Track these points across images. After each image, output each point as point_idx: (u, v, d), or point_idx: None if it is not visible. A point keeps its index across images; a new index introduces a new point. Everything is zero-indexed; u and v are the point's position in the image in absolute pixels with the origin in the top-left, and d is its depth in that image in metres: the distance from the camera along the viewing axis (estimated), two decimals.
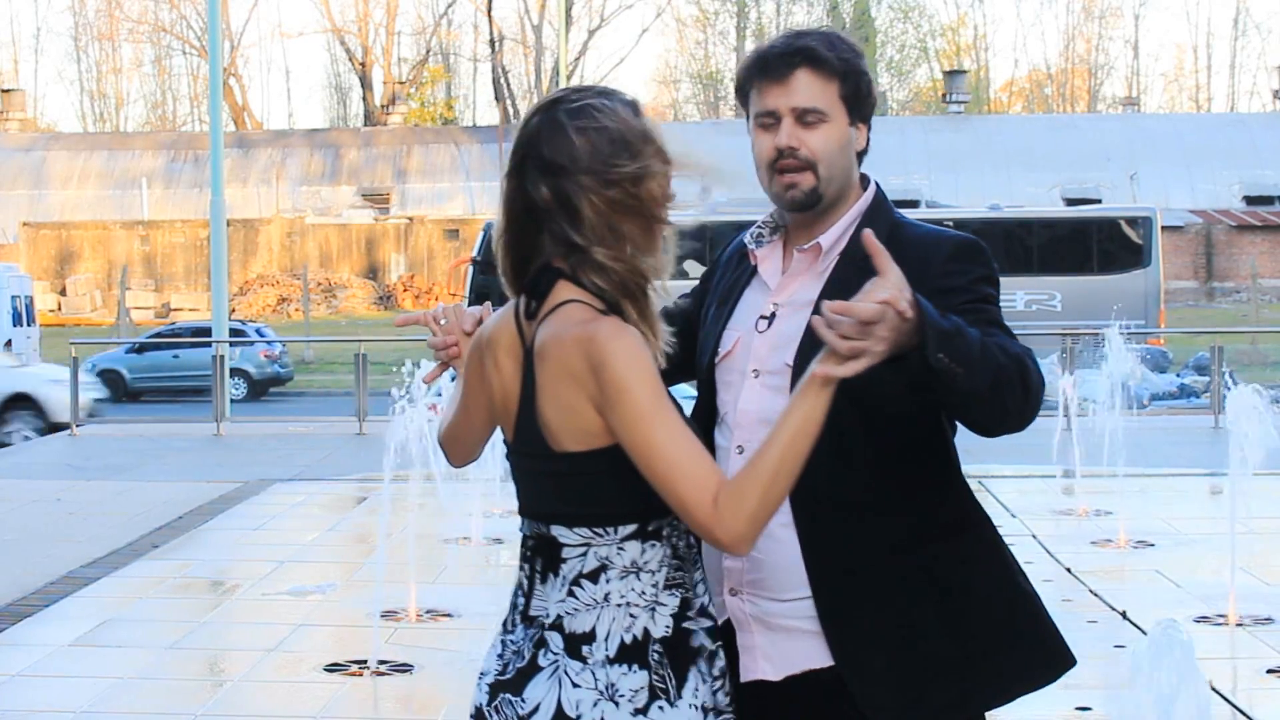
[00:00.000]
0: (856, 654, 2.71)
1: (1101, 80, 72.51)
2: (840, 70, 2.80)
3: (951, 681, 2.73)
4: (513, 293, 2.61)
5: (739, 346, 2.84)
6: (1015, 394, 2.62)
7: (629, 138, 2.51)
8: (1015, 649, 2.80)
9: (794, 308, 2.81)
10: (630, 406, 2.41)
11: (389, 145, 53.01)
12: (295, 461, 14.75)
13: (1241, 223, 45.93)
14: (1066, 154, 48.60)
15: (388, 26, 66.02)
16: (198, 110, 69.70)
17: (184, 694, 6.70)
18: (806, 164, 2.79)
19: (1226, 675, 6.65)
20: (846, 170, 2.83)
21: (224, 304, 20.25)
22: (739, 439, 2.78)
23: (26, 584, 8.73)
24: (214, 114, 21.45)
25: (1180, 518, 10.61)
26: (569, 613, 2.51)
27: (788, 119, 2.79)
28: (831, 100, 2.80)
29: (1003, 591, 2.82)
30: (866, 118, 2.86)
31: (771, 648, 2.76)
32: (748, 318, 2.85)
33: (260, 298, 45.65)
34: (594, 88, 2.58)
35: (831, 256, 2.82)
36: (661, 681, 2.49)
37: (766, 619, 2.76)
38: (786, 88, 2.79)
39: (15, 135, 55.09)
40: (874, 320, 2.35)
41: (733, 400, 2.82)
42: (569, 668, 2.49)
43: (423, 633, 7.58)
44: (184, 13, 64.90)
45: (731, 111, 66.89)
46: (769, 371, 2.78)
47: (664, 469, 2.40)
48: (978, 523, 2.85)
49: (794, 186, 2.80)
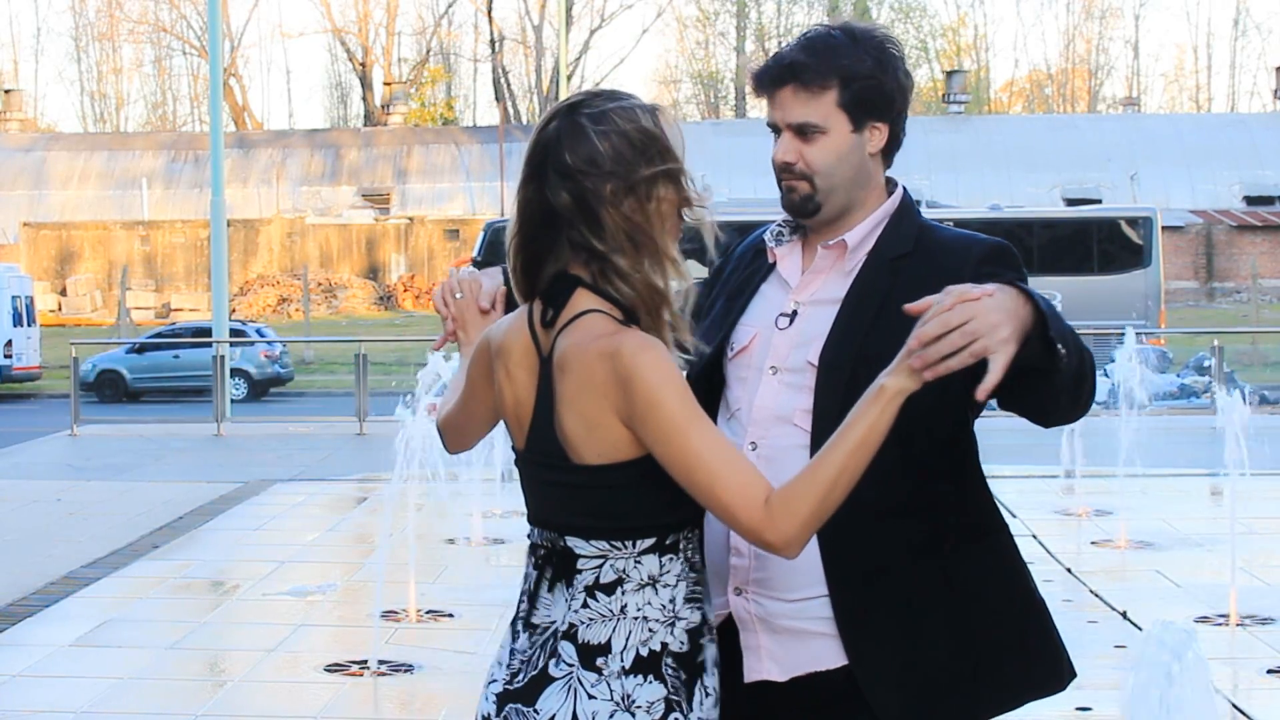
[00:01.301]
0: (870, 656, 2.69)
1: (1102, 80, 72.54)
2: (834, 79, 2.76)
3: (961, 689, 2.72)
4: (522, 297, 2.57)
5: (756, 343, 2.81)
6: (1091, 377, 2.62)
7: (649, 143, 2.48)
8: (1025, 658, 2.79)
9: (817, 305, 2.79)
10: (665, 420, 2.39)
11: (389, 145, 53.00)
12: (295, 462, 14.76)
13: (1242, 223, 45.93)
14: (1067, 154, 48.59)
15: (388, 26, 66.07)
16: (198, 110, 69.72)
17: (184, 694, 6.71)
18: (803, 176, 2.79)
19: (1226, 675, 6.64)
20: (851, 178, 2.80)
21: (224, 304, 20.26)
22: (752, 435, 2.76)
23: (26, 584, 8.73)
24: (214, 114, 21.45)
25: (1180, 518, 10.60)
26: (583, 623, 2.48)
27: (786, 133, 2.80)
28: (827, 111, 2.77)
29: (1016, 601, 2.81)
30: (882, 118, 2.80)
31: (777, 648, 2.74)
32: (766, 314, 2.83)
33: (260, 298, 45.64)
34: (611, 92, 2.55)
35: (858, 255, 2.80)
36: (677, 694, 2.48)
37: (771, 620, 2.73)
38: (780, 102, 2.79)
39: (15, 135, 55.09)
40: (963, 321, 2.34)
41: (747, 396, 2.79)
42: (584, 679, 2.46)
43: (423, 633, 7.58)
44: (184, 13, 64.97)
45: (731, 112, 66.90)
46: (789, 369, 2.76)
47: (706, 478, 2.39)
48: (997, 529, 2.84)
49: (792, 191, 2.81)
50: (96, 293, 46.85)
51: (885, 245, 2.79)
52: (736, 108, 66.76)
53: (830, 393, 2.70)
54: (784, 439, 2.73)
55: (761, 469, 2.70)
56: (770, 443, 2.74)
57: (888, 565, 2.70)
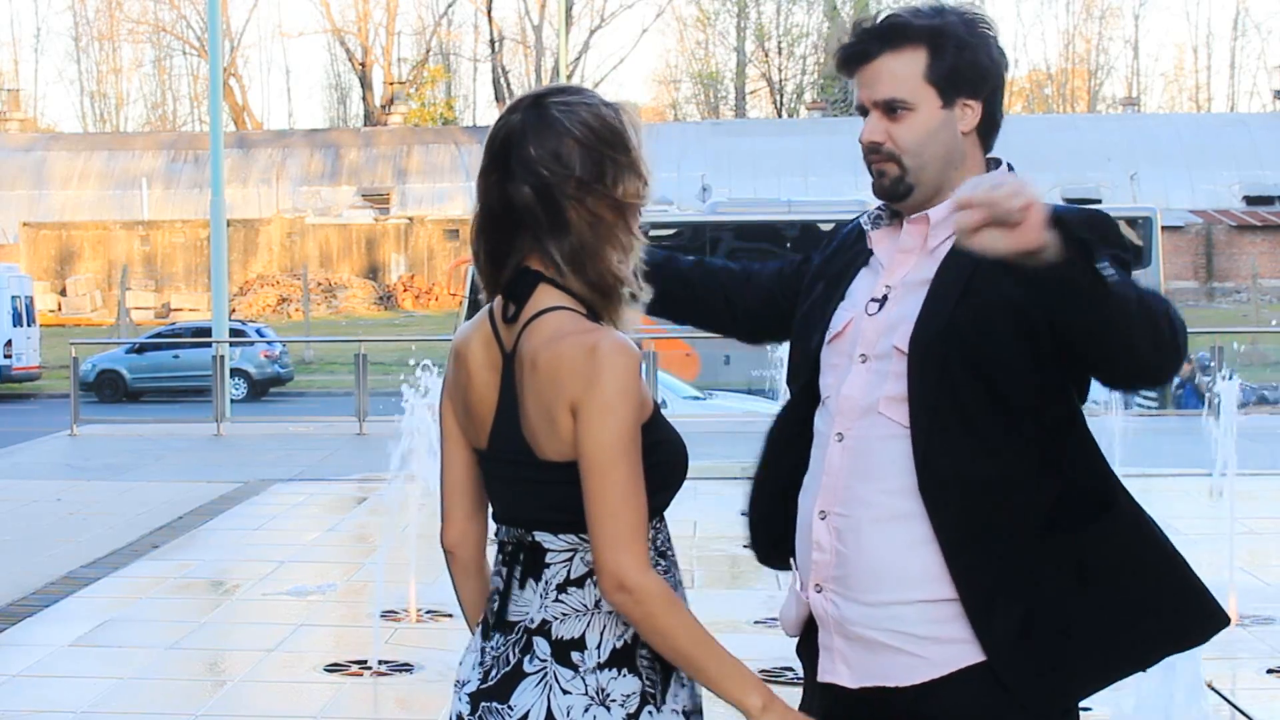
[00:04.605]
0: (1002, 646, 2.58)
1: (1101, 80, 72.51)
2: (922, 44, 2.64)
3: (1095, 656, 2.62)
4: (487, 286, 2.56)
5: (850, 329, 2.72)
6: (1170, 318, 2.45)
7: (614, 139, 2.47)
8: (1160, 616, 2.67)
9: (907, 289, 2.68)
10: (607, 430, 2.38)
11: (389, 145, 52.99)
12: (295, 461, 14.76)
13: (1241, 223, 45.93)
14: (1066, 154, 48.55)
15: (388, 26, 66.04)
16: (198, 110, 69.71)
17: (184, 694, 6.71)
18: (891, 157, 2.67)
19: (1226, 675, 6.64)
20: (943, 157, 2.68)
21: (224, 304, 20.27)
22: (840, 426, 2.67)
23: (26, 584, 8.73)
24: (214, 114, 21.45)
25: (1180, 518, 10.60)
26: (556, 618, 2.48)
27: (874, 113, 2.68)
28: (915, 86, 2.65)
29: (1148, 569, 2.68)
30: (974, 94, 2.67)
31: (850, 653, 2.67)
32: (861, 299, 2.73)
33: (260, 298, 45.64)
34: (574, 87, 2.55)
35: (942, 233, 2.67)
36: (652, 686, 2.47)
37: (845, 624, 2.66)
38: (866, 79, 2.68)
39: (15, 135, 55.07)
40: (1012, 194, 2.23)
41: (836, 385, 2.70)
42: (559, 674, 2.46)
43: (423, 633, 7.58)
44: (184, 13, 64.94)
45: (731, 112, 66.90)
46: (876, 356, 2.66)
47: (599, 498, 2.38)
48: (1118, 498, 2.70)
49: (882, 175, 2.69)
50: (96, 293, 46.84)
51: None
52: (736, 108, 66.76)
53: (923, 378, 2.60)
54: (871, 429, 2.64)
55: (848, 460, 2.66)
56: (857, 433, 2.66)
57: (1009, 546, 2.59)
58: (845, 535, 2.65)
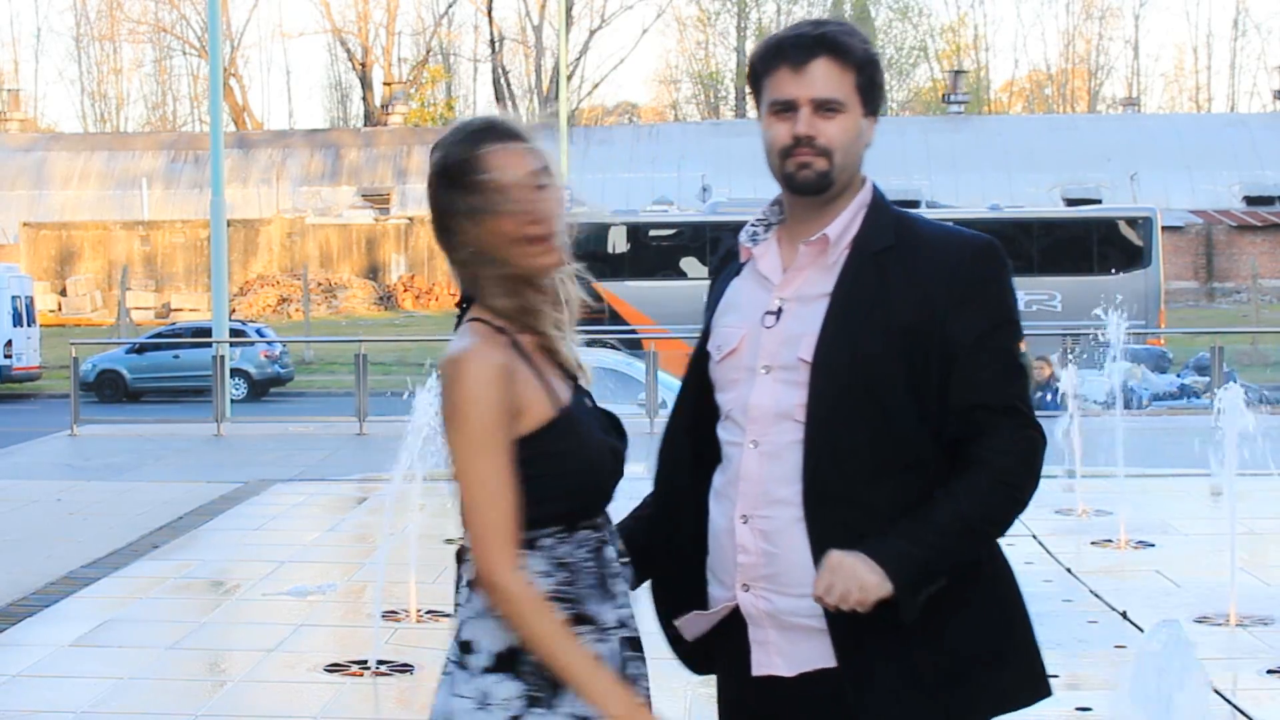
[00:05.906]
0: (855, 657, 2.71)
1: (1101, 80, 72.52)
2: (859, 60, 2.79)
3: (937, 696, 2.72)
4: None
5: (745, 343, 2.80)
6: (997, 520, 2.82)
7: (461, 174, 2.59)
8: (1003, 670, 2.78)
9: (803, 302, 2.78)
10: (458, 434, 2.52)
11: (389, 145, 53.00)
12: (295, 462, 14.76)
13: (1242, 223, 45.92)
14: (1066, 154, 48.57)
15: (388, 26, 66.05)
16: (198, 110, 69.72)
17: (184, 694, 6.71)
18: (823, 152, 2.77)
19: (1226, 675, 6.64)
20: (856, 162, 2.82)
21: (224, 304, 20.26)
22: (753, 434, 2.76)
23: (26, 584, 8.72)
24: (214, 114, 21.45)
25: (1180, 518, 10.60)
26: (464, 620, 2.59)
27: (805, 109, 2.77)
28: (848, 91, 2.78)
29: (999, 609, 2.81)
30: (876, 111, 2.85)
31: (785, 644, 2.76)
32: (752, 314, 2.82)
33: (260, 298, 45.63)
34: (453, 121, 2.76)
35: (840, 248, 2.80)
36: (538, 690, 2.52)
37: (779, 615, 2.75)
38: (805, 77, 2.77)
39: (15, 135, 55.08)
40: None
41: (740, 397, 2.79)
42: (458, 676, 2.56)
43: (423, 633, 7.58)
44: (184, 13, 64.94)
45: (731, 112, 66.88)
46: (781, 367, 2.75)
47: (470, 503, 2.53)
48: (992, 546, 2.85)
49: (807, 167, 2.77)
50: (96, 293, 46.84)
51: (866, 238, 2.79)
52: (736, 108, 66.76)
53: (825, 390, 2.71)
54: (785, 435, 2.74)
55: (765, 466, 2.73)
56: (771, 439, 2.75)
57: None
58: (772, 536, 2.74)
